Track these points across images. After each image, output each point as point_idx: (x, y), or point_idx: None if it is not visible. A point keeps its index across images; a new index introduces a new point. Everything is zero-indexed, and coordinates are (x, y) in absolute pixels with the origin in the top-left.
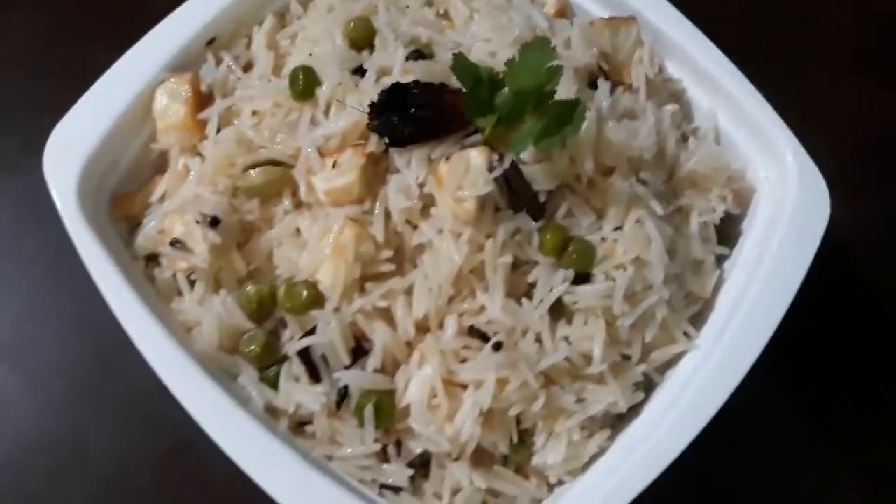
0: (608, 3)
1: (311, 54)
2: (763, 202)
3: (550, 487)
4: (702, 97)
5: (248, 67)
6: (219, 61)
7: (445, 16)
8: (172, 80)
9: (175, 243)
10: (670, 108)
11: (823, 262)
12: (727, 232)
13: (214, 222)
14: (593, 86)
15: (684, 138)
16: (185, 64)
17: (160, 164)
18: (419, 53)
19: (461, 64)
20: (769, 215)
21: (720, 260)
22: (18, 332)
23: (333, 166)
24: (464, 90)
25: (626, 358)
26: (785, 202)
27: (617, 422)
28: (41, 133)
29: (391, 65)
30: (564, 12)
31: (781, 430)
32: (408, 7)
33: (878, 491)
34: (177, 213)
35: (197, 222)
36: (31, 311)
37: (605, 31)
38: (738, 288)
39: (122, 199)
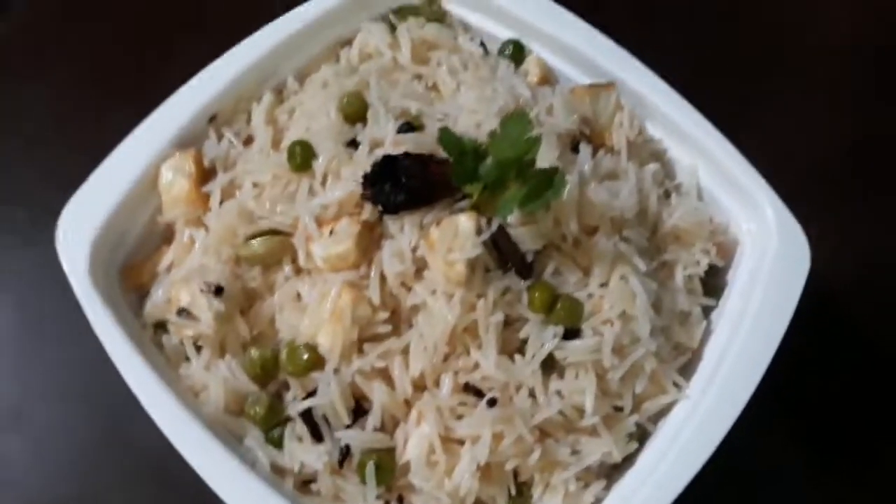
0: (589, 69)
1: (307, 129)
2: (746, 254)
3: None
4: (683, 155)
5: (248, 141)
6: (220, 137)
7: (434, 87)
8: (177, 155)
9: (181, 312)
10: (652, 167)
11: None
12: (713, 283)
13: (218, 291)
14: (576, 150)
15: (667, 195)
16: (188, 140)
17: (167, 236)
18: (409, 126)
19: (447, 137)
20: (752, 267)
21: (707, 311)
22: (30, 397)
23: (330, 234)
24: (451, 160)
25: (619, 409)
26: (766, 254)
27: (612, 472)
28: (53, 205)
29: (383, 137)
30: (548, 80)
31: (775, 474)
32: (398, 81)
33: None
34: (183, 283)
35: (202, 291)
36: (42, 378)
37: (585, 97)
38: (724, 338)
39: (131, 269)
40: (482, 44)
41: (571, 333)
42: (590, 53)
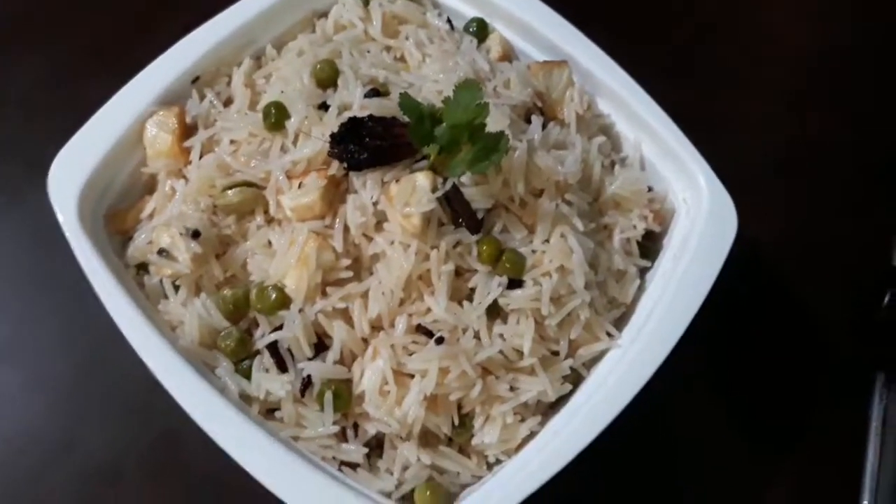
0: (547, 48)
1: (282, 91)
2: (681, 221)
3: (489, 465)
4: (628, 130)
5: (227, 103)
6: (202, 97)
7: (402, 59)
8: (161, 112)
9: (162, 252)
10: (599, 139)
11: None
12: (650, 247)
13: (196, 234)
14: (529, 121)
15: (612, 165)
16: (172, 99)
17: (150, 186)
18: (376, 92)
19: (406, 101)
20: (685, 232)
21: (643, 271)
22: (20, 333)
23: (299, 187)
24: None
25: (555, 354)
26: (698, 220)
27: (549, 410)
28: (44, 161)
29: (351, 101)
30: (508, 56)
31: (708, 425)
32: (369, 51)
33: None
34: (163, 227)
35: (181, 234)
36: (32, 315)
37: (539, 73)
38: (655, 295)
39: (116, 215)
40: (449, 20)
41: (514, 284)
42: (547, 32)
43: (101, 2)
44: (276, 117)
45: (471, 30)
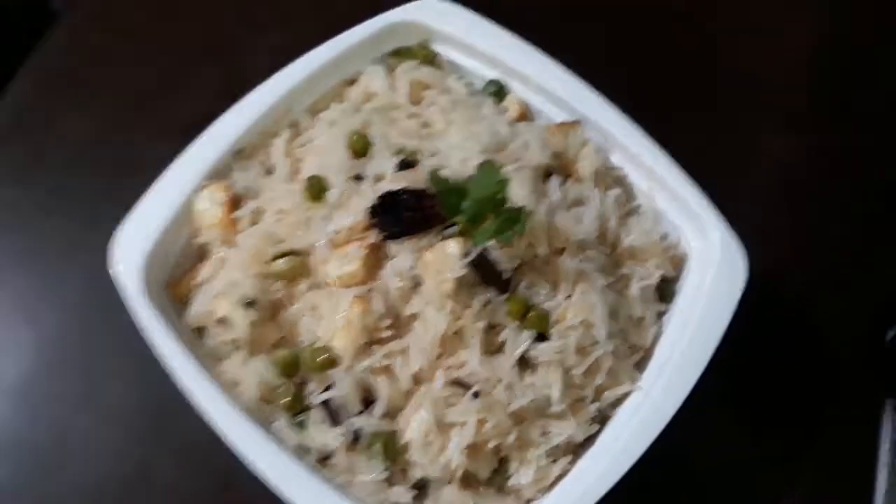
0: (562, 106)
1: (320, 164)
2: (693, 267)
3: (525, 503)
4: (641, 181)
5: (269, 171)
6: (246, 169)
7: (427, 124)
8: (210, 187)
9: (221, 321)
10: (614, 192)
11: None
12: (666, 290)
13: (251, 303)
14: (548, 179)
15: (628, 215)
16: (219, 172)
17: (201, 254)
18: (406, 162)
19: (435, 178)
20: (698, 279)
21: (660, 315)
22: (93, 390)
23: (342, 257)
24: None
25: (582, 399)
26: (710, 268)
27: (578, 449)
28: (97, 217)
29: (384, 172)
30: (525, 115)
31: (725, 451)
32: (396, 119)
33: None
34: (221, 297)
35: (238, 304)
36: (101, 374)
37: (556, 133)
38: (672, 339)
39: (173, 283)
40: (468, 83)
41: (541, 337)
42: (561, 93)
43: (140, 58)
44: (317, 190)
45: (489, 91)
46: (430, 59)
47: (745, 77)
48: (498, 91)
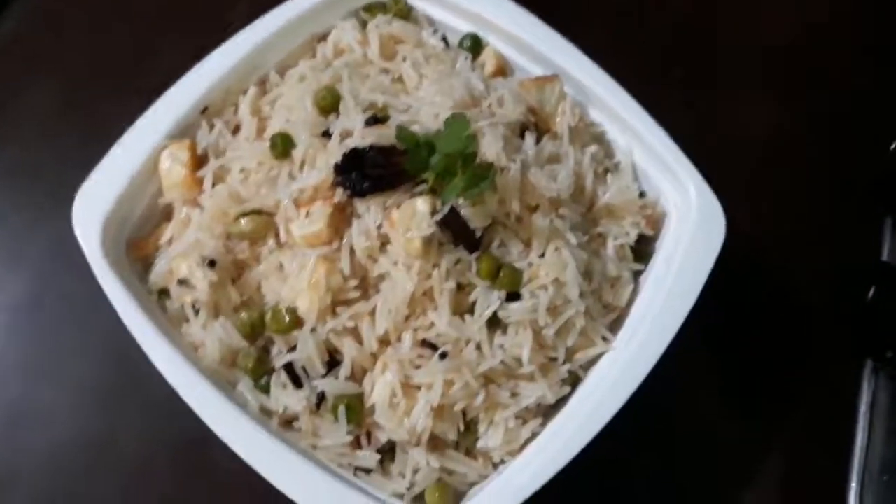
0: (539, 60)
1: (287, 120)
2: (672, 224)
3: (494, 465)
4: (619, 137)
5: (235, 130)
6: (211, 127)
7: (400, 80)
8: (174, 145)
9: (181, 282)
10: (592, 149)
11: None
12: (643, 250)
13: (212, 264)
14: (523, 136)
15: (606, 172)
16: (183, 130)
17: (166, 213)
18: (375, 118)
19: (402, 133)
20: (676, 236)
21: (637, 274)
22: (53, 353)
23: (307, 216)
24: None
25: (553, 359)
26: (688, 225)
27: (549, 411)
28: (65, 184)
29: (352, 129)
30: (503, 70)
31: (700, 411)
32: (367, 76)
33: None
34: (181, 257)
35: (197, 264)
36: (63, 337)
37: (532, 88)
38: (648, 298)
39: (136, 243)
40: (444, 37)
41: (513, 297)
42: (539, 46)
43: (106, 26)
44: (283, 147)
45: (465, 45)
46: (405, 13)
47: (732, 38)
48: (474, 45)
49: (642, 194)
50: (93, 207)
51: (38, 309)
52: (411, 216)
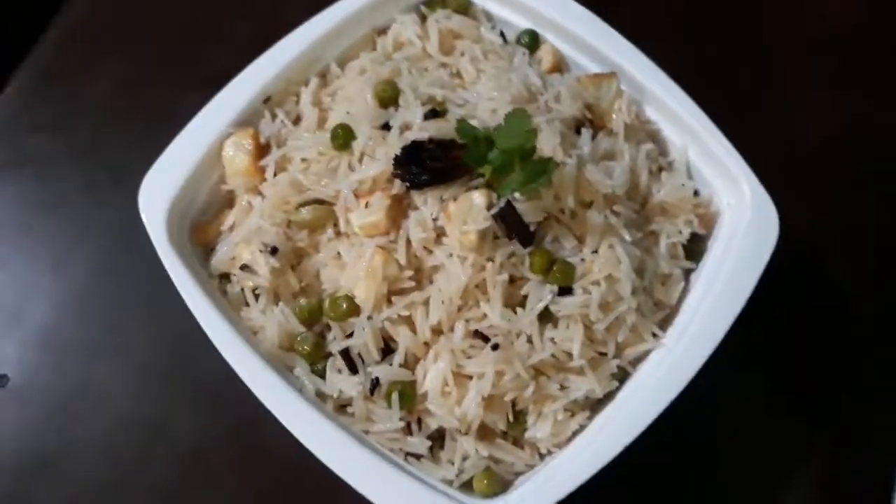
0: (596, 57)
1: (347, 112)
2: (725, 224)
3: (541, 456)
4: (675, 135)
5: (297, 120)
6: (274, 116)
7: (458, 75)
8: (238, 133)
9: (244, 267)
10: (646, 146)
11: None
12: (695, 249)
13: (274, 251)
14: (579, 132)
15: (660, 170)
16: (247, 119)
17: (228, 200)
18: (434, 112)
19: (462, 127)
20: (729, 236)
21: (688, 273)
22: (113, 334)
23: (366, 206)
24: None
25: (603, 354)
26: (741, 225)
27: (596, 405)
28: (127, 166)
29: (411, 122)
30: (559, 66)
31: (746, 412)
32: (426, 69)
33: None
34: (244, 244)
35: (260, 251)
36: (121, 318)
37: (589, 85)
38: (699, 296)
39: (199, 228)
40: (502, 33)
41: (565, 291)
42: (596, 43)
43: (172, 10)
44: (343, 138)
45: (522, 41)
46: (464, 8)
47: (792, 31)
48: (532, 41)
49: (696, 193)
50: (159, 192)
51: (99, 289)
52: (468, 209)
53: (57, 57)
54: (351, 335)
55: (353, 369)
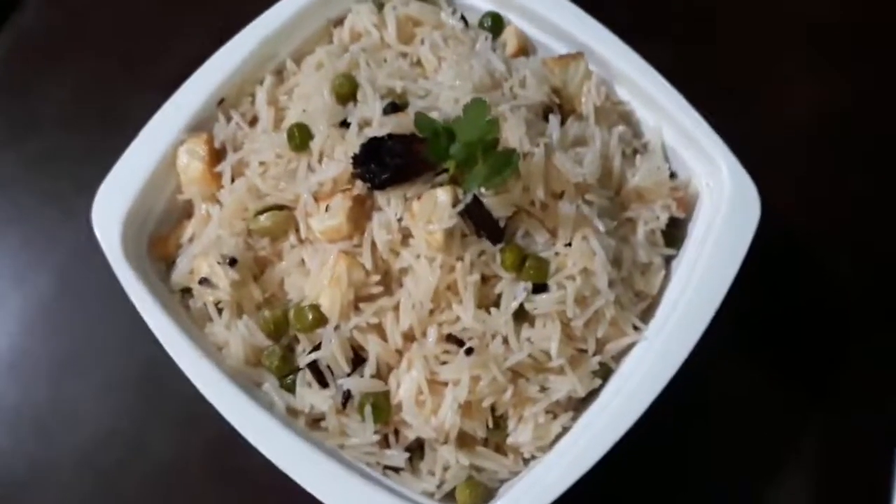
0: (562, 38)
1: (304, 110)
2: (705, 206)
3: (525, 461)
4: (648, 115)
5: (253, 121)
6: (228, 119)
7: (418, 63)
8: (191, 140)
9: (203, 281)
10: (619, 129)
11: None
12: (675, 234)
13: (233, 262)
14: (547, 118)
15: (635, 152)
16: (201, 123)
17: (187, 210)
18: (394, 105)
19: (420, 120)
20: (708, 219)
21: (669, 259)
22: (82, 350)
23: (326, 210)
24: None
25: (583, 351)
26: (721, 207)
27: (580, 404)
28: (89, 178)
29: (371, 117)
30: (525, 49)
31: (735, 402)
32: (385, 60)
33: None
34: (202, 256)
35: (219, 263)
36: (90, 335)
37: (555, 68)
38: (681, 284)
39: (157, 241)
40: (463, 17)
41: (539, 288)
42: (562, 23)
43: (123, 11)
44: (300, 138)
45: (485, 25)
46: None
47: (771, 13)
48: (495, 24)
49: (673, 175)
50: (112, 208)
51: (65, 306)
52: (432, 208)
53: (7, 69)
54: (319, 346)
55: (323, 383)
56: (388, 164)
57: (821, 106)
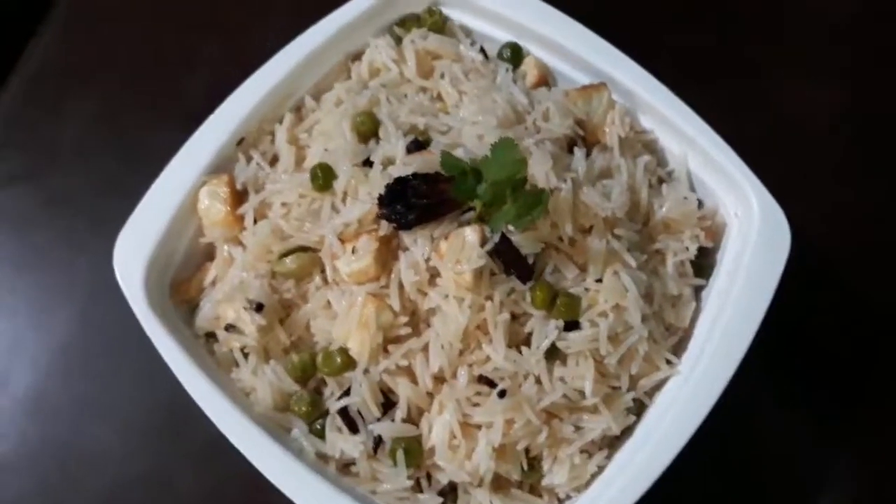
0: (583, 67)
1: (326, 149)
2: (733, 235)
3: (560, 501)
4: (673, 144)
5: (273, 160)
6: (248, 159)
7: (439, 97)
8: (212, 182)
9: (229, 328)
10: (644, 158)
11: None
12: (703, 264)
13: (259, 307)
14: (572, 151)
15: (660, 182)
16: (221, 164)
17: (209, 253)
18: (417, 142)
19: (447, 160)
20: (738, 249)
21: (699, 290)
22: (106, 396)
23: (353, 251)
24: None
25: (616, 388)
26: (750, 237)
27: (615, 442)
28: (105, 215)
29: (394, 155)
30: (545, 79)
31: (773, 436)
32: (405, 96)
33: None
34: (227, 301)
35: (245, 309)
36: (111, 376)
37: (578, 99)
38: (712, 315)
39: (180, 285)
40: (482, 49)
41: (571, 325)
42: (582, 52)
43: (138, 42)
44: (324, 179)
45: (505, 56)
46: (440, 25)
47: (784, 26)
48: (514, 55)
49: (700, 204)
50: (134, 253)
51: (84, 348)
52: (460, 247)
53: (24, 104)
54: (348, 391)
55: (354, 429)
56: (415, 204)
57: (845, 117)
